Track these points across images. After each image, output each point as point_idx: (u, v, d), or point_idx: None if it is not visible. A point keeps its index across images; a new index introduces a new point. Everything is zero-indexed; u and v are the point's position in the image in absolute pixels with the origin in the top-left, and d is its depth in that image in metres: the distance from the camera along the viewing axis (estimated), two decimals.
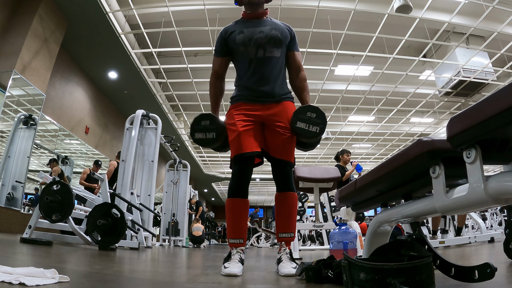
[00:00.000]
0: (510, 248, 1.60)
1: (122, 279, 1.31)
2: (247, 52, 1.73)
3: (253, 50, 1.72)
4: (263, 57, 1.72)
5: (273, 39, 1.72)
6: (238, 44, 1.74)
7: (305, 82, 1.84)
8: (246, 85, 1.75)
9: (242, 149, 1.65)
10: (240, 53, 1.75)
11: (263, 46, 1.72)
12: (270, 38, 1.72)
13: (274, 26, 1.77)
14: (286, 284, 1.23)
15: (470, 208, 0.82)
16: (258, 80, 1.72)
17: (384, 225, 1.30)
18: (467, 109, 0.77)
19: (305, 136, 1.63)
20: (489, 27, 6.77)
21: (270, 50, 1.72)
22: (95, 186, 5.94)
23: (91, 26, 6.16)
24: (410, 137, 12.54)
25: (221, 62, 1.85)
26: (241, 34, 1.74)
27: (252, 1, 1.76)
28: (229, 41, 1.78)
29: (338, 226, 1.97)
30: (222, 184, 19.99)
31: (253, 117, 1.70)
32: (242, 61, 1.77)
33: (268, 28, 1.75)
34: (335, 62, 7.86)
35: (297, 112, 1.66)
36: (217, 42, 1.84)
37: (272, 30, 1.74)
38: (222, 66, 1.86)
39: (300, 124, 1.62)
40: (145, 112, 5.05)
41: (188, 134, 12.43)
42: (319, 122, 1.62)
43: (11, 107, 5.23)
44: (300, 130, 1.63)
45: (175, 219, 7.09)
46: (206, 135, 1.71)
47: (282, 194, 1.73)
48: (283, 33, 1.77)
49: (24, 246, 2.51)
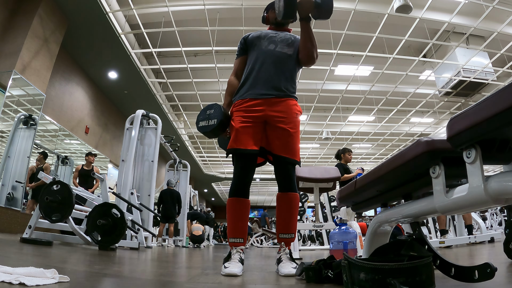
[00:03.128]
0: (510, 248, 1.60)
1: (122, 279, 1.31)
2: (260, 44, 1.82)
3: (265, 43, 1.82)
4: (273, 50, 1.79)
5: (285, 40, 1.83)
6: (254, 38, 1.86)
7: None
8: (251, 80, 1.77)
9: (236, 145, 1.66)
10: (254, 46, 1.84)
11: (275, 42, 1.82)
12: (283, 39, 1.83)
13: (291, 34, 1.88)
14: (286, 284, 1.23)
15: (470, 208, 0.82)
16: (264, 72, 1.75)
17: (384, 225, 1.30)
18: (467, 109, 0.77)
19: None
20: (489, 27, 6.77)
21: (282, 47, 1.81)
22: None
23: (91, 26, 6.16)
24: (410, 137, 12.54)
25: (240, 61, 1.92)
26: (259, 32, 1.90)
27: (279, 22, 1.89)
28: (248, 39, 1.90)
29: (338, 226, 1.97)
30: (222, 184, 19.98)
31: (253, 113, 1.71)
32: (254, 54, 1.83)
33: (284, 33, 1.87)
34: (335, 62, 7.86)
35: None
36: (239, 45, 1.93)
37: (287, 35, 1.86)
38: (240, 65, 1.91)
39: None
40: (145, 112, 5.05)
41: (188, 134, 12.44)
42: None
43: (11, 107, 5.23)
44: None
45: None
46: (209, 122, 1.75)
47: (284, 195, 1.73)
48: (297, 38, 1.86)
49: (24, 246, 2.51)
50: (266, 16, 1.98)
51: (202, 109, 1.82)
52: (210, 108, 1.79)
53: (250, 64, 1.81)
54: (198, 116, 1.80)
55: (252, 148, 1.66)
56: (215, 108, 1.77)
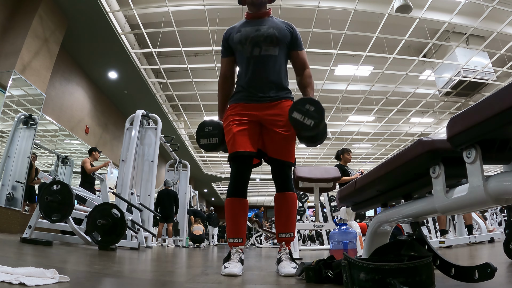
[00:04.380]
0: (510, 248, 1.60)
1: (122, 279, 1.30)
2: (244, 51, 1.74)
3: (249, 49, 1.72)
4: (259, 55, 1.72)
5: (269, 38, 1.72)
6: (236, 43, 1.76)
7: (309, 78, 1.82)
8: (244, 85, 1.76)
9: (235, 148, 1.66)
10: (239, 52, 1.77)
11: (258, 44, 1.71)
12: (266, 37, 1.72)
13: (272, 25, 1.76)
14: (286, 284, 1.23)
15: (470, 208, 0.82)
16: (255, 79, 1.73)
17: (384, 225, 1.30)
18: (467, 109, 0.77)
19: (298, 128, 1.57)
20: (489, 27, 6.77)
21: (266, 48, 1.72)
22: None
23: (91, 26, 6.16)
24: (410, 137, 12.53)
25: (226, 63, 1.87)
26: (239, 33, 1.76)
27: (255, 1, 1.77)
28: (229, 41, 1.81)
29: (338, 226, 1.97)
30: (222, 184, 19.98)
31: (249, 116, 1.70)
32: (241, 60, 1.78)
33: (265, 27, 1.74)
34: (335, 62, 7.85)
35: (296, 103, 1.59)
36: (222, 43, 1.86)
37: (270, 29, 1.73)
38: (228, 67, 1.87)
39: (296, 114, 1.55)
40: (145, 112, 5.05)
41: (188, 134, 12.44)
42: (315, 116, 1.53)
43: (11, 107, 5.23)
44: (294, 121, 1.56)
45: (175, 219, 7.09)
46: (210, 141, 1.77)
47: (282, 195, 1.74)
48: (281, 32, 1.75)
49: (24, 246, 2.51)
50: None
51: (199, 125, 1.80)
52: (208, 125, 1.78)
53: (241, 69, 1.79)
54: (198, 133, 1.79)
55: (250, 150, 1.66)
56: (213, 125, 1.78)
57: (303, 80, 1.82)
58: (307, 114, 1.54)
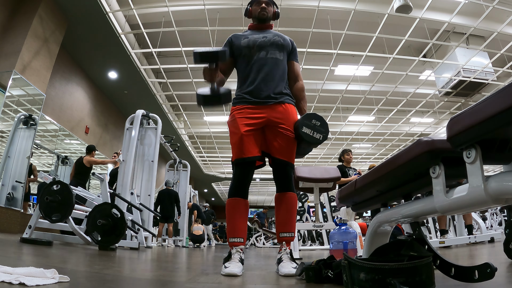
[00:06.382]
0: (510, 248, 1.60)
1: (122, 279, 1.31)
2: (251, 54, 1.81)
3: (255, 52, 1.82)
4: (265, 57, 1.80)
5: (275, 43, 1.84)
6: (243, 46, 1.84)
7: (303, 92, 1.92)
8: (249, 87, 1.77)
9: (243, 153, 1.69)
10: (243, 56, 1.83)
11: (265, 48, 1.82)
12: (272, 43, 1.84)
13: (277, 34, 1.90)
14: (286, 284, 1.23)
15: (470, 208, 0.82)
16: (261, 80, 1.76)
17: (384, 225, 1.30)
18: (467, 109, 0.77)
19: (309, 141, 1.71)
20: (489, 27, 6.76)
21: (273, 52, 1.82)
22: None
23: (91, 26, 6.16)
24: (410, 137, 12.53)
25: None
26: (246, 39, 1.87)
27: (262, 17, 1.91)
28: (234, 45, 1.87)
29: (338, 226, 1.97)
30: (222, 184, 19.98)
31: (256, 119, 1.73)
32: (245, 64, 1.82)
33: (271, 35, 1.88)
34: (335, 62, 7.85)
35: (303, 118, 1.73)
36: (224, 44, 1.90)
37: (275, 37, 1.87)
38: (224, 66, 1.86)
39: (306, 129, 1.70)
40: (145, 112, 5.05)
41: (188, 134, 12.43)
42: (322, 131, 1.71)
43: (11, 107, 5.23)
44: (305, 135, 1.70)
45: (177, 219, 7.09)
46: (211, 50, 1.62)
47: (282, 195, 1.75)
48: (285, 41, 1.90)
49: (24, 246, 2.51)
50: (250, 10, 1.95)
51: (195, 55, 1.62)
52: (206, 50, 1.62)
53: (246, 71, 1.81)
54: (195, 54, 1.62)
55: (256, 155, 1.71)
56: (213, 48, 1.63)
57: (297, 92, 1.90)
58: (315, 128, 1.71)
